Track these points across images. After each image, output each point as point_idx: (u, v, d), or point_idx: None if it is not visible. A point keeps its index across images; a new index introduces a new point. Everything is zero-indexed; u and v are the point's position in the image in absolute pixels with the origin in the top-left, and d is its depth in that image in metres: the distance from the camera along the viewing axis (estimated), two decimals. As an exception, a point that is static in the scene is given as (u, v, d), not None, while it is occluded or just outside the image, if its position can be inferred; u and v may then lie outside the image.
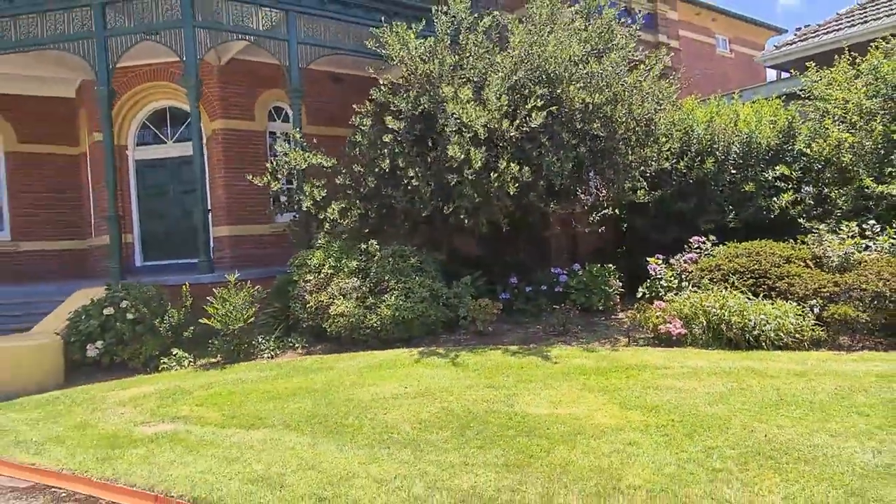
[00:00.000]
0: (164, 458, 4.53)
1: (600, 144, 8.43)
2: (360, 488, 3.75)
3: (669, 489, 3.46)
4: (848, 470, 3.52)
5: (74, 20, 10.00)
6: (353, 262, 8.65)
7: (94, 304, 8.23)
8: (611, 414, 4.77)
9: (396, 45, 9.29)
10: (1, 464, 4.82)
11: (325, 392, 6.00)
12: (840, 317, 6.48)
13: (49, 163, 14.60)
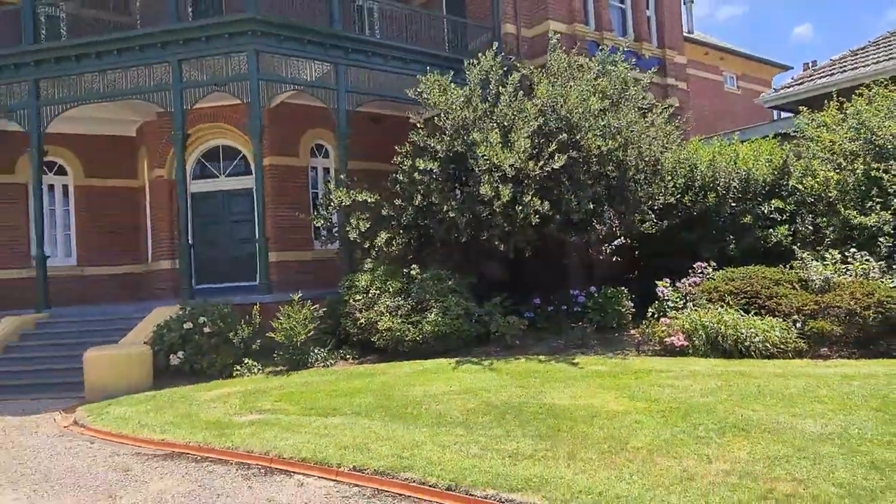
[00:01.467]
0: (268, 435, 5.76)
1: (613, 183, 9.70)
2: (429, 450, 4.95)
3: (664, 448, 4.63)
4: (799, 436, 4.67)
5: (154, 74, 11.54)
6: (397, 283, 9.93)
7: (175, 320, 9.56)
8: (621, 403, 5.94)
9: (436, 93, 10.70)
10: (138, 440, 6.08)
11: (382, 390, 7.22)
12: (818, 330, 7.62)
13: (111, 195, 16.14)
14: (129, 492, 4.69)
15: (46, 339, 10.77)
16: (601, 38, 15.32)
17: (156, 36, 11.23)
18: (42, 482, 5.05)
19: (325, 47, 11.91)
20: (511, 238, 9.57)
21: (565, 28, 14.72)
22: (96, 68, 11.59)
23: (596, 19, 15.50)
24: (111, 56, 11.45)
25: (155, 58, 11.38)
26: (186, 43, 11.21)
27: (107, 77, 11.65)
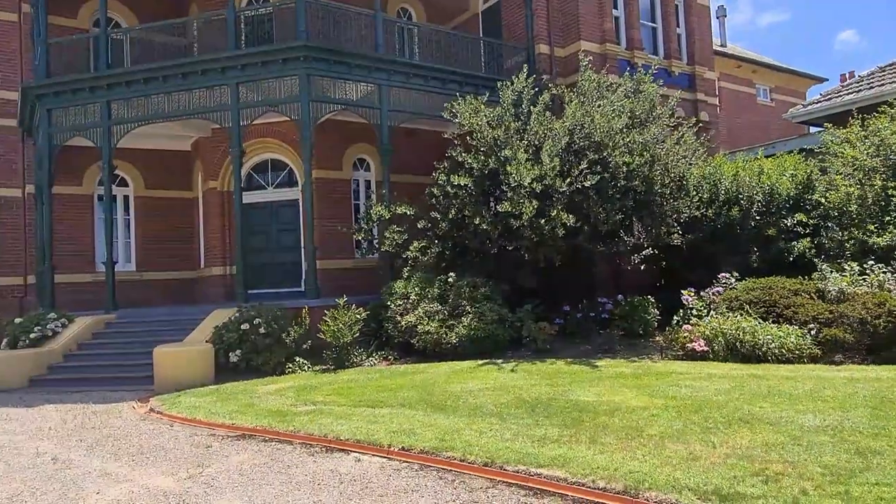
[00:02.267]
0: (324, 421, 6.55)
1: (640, 197, 10.31)
2: (468, 435, 5.66)
3: (675, 436, 5.26)
4: (797, 428, 5.24)
5: (214, 96, 12.57)
6: (435, 290, 10.69)
7: (233, 321, 10.48)
8: (640, 400, 6.56)
9: (468, 113, 11.49)
10: (211, 424, 6.93)
11: (423, 386, 7.95)
12: (832, 338, 8.11)
13: (168, 206, 17.33)
14: (214, 462, 5.52)
15: (115, 337, 11.82)
16: (632, 56, 15.94)
17: (217, 62, 12.26)
18: (137, 454, 5.91)
19: (369, 70, 12.80)
20: (539, 249, 10.25)
21: (597, 48, 15.40)
22: (162, 90, 12.68)
23: (627, 39, 16.13)
24: (176, 79, 12.53)
25: (215, 81, 12.42)
26: (244, 68, 12.23)
27: (171, 98, 12.74)
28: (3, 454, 6.13)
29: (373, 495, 4.55)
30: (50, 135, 13.05)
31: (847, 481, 4.11)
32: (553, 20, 15.46)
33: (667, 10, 17.04)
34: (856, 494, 3.90)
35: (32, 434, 6.94)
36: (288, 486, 4.81)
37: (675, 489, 4.15)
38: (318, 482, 4.88)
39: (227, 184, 16.00)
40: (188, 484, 4.96)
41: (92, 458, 5.83)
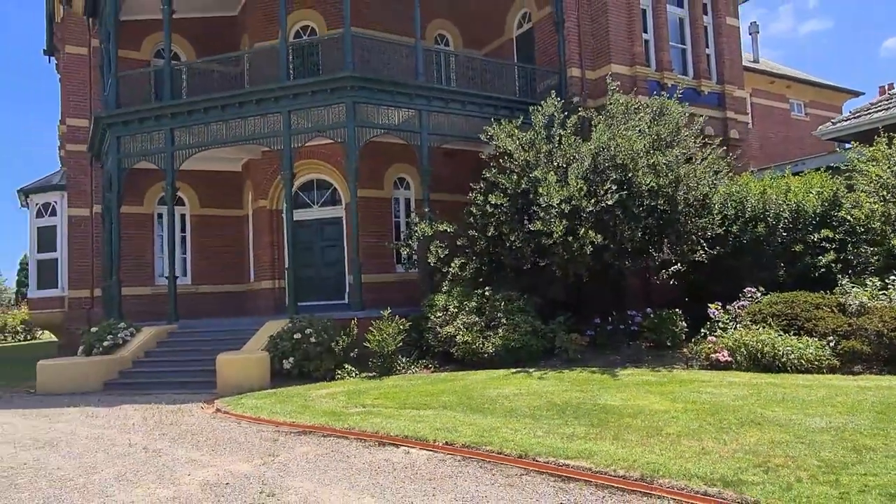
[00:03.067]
0: (375, 421, 7.31)
1: (665, 216, 10.89)
2: (504, 432, 6.35)
3: (690, 434, 5.86)
4: (803, 429, 5.79)
5: (267, 122, 13.61)
6: (473, 303, 11.42)
7: (286, 331, 11.37)
8: (662, 404, 7.15)
9: (503, 136, 12.25)
10: (274, 422, 7.76)
11: (463, 392, 8.67)
12: (850, 349, 8.56)
13: (220, 223, 18.49)
14: (282, 452, 6.32)
15: (178, 346, 12.85)
16: (662, 77, 16.49)
17: (270, 91, 13.30)
18: (215, 445, 6.77)
19: (410, 97, 13.69)
20: (569, 265, 10.91)
21: (627, 70, 16.01)
22: (220, 118, 13.77)
23: (657, 61, 16.69)
24: (233, 108, 13.62)
25: (269, 109, 13.45)
26: (295, 97, 13.24)
27: (228, 125, 13.83)
28: (102, 445, 7.06)
29: (422, 479, 5.28)
30: (119, 160, 14.26)
31: (839, 472, 4.67)
32: (584, 45, 16.14)
33: (696, 31, 17.55)
34: (844, 482, 4.47)
35: (120, 429, 7.88)
36: (349, 472, 5.58)
37: (685, 477, 4.77)
38: (374, 469, 5.64)
39: (275, 202, 17.07)
40: (263, 469, 5.77)
41: (176, 448, 6.71)
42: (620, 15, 16.02)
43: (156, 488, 5.35)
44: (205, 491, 5.21)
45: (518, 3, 17.86)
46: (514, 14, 18.13)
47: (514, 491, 4.90)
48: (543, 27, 16.93)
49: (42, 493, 5.40)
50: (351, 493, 4.99)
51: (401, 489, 5.05)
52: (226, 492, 5.17)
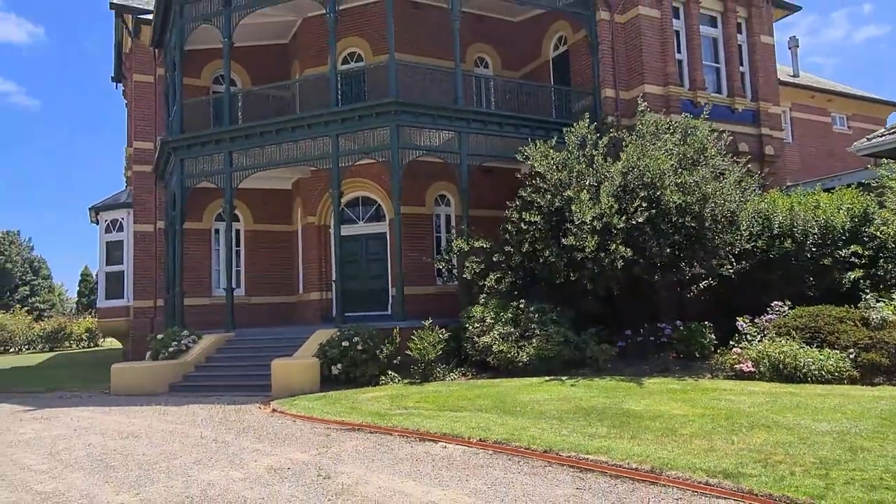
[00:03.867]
0: (416, 420, 8.06)
1: (692, 232, 11.39)
2: (532, 431, 7.01)
3: (702, 435, 6.42)
4: (807, 432, 6.29)
5: (317, 145, 14.63)
6: (508, 315, 12.09)
7: (335, 339, 12.25)
8: (682, 410, 7.70)
9: (538, 157, 12.95)
10: (325, 420, 8.60)
11: (497, 396, 9.35)
12: (869, 361, 8.93)
13: (271, 238, 19.63)
14: (334, 445, 7.14)
15: (235, 352, 13.89)
16: (695, 96, 16.96)
17: (321, 117, 14.33)
18: (274, 438, 7.63)
19: (450, 119, 14.54)
20: (600, 279, 11.50)
21: (660, 90, 16.54)
22: (274, 142, 14.88)
23: (690, 80, 17.16)
24: (286, 132, 14.70)
25: (319, 133, 14.48)
26: (343, 122, 14.23)
27: (281, 148, 14.92)
28: (177, 437, 8.01)
29: (457, 468, 6.00)
30: (183, 180, 15.49)
31: (831, 468, 5.21)
32: (618, 66, 16.74)
33: (730, 50, 17.94)
34: (833, 476, 5.01)
35: (190, 424, 8.84)
36: (393, 461, 6.34)
37: (690, 470, 5.37)
38: (415, 459, 6.39)
39: (323, 218, 18.09)
40: (318, 457, 6.59)
41: (242, 440, 7.60)
42: (653, 37, 16.58)
43: (228, 470, 6.22)
44: (270, 473, 6.05)
45: (554, 27, 18.57)
46: (550, 37, 18.85)
47: (536, 478, 5.58)
48: (578, 50, 17.59)
49: (133, 473, 6.32)
50: (395, 477, 5.75)
51: (438, 475, 5.78)
52: (287, 474, 5.99)
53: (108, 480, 6.10)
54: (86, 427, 9.00)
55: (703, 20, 17.82)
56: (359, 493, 5.31)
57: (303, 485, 5.63)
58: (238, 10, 15.58)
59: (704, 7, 17.71)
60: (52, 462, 6.95)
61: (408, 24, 17.05)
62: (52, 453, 7.37)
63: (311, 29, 18.50)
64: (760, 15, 18.51)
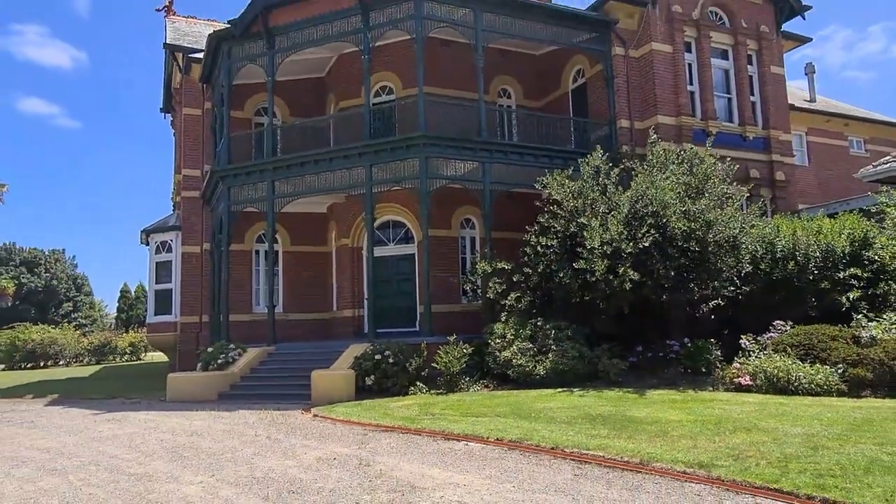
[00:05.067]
0: (442, 424, 9.14)
1: (696, 256, 12.34)
2: (543, 433, 8.05)
3: (689, 436, 7.40)
4: (782, 434, 7.22)
5: (352, 175, 15.95)
6: (527, 331, 13.15)
7: (368, 353, 13.43)
8: (678, 416, 8.66)
9: (555, 185, 14.04)
10: (362, 424, 9.74)
11: (515, 405, 10.40)
12: (855, 376, 9.77)
13: (307, 258, 20.96)
14: (371, 442, 8.28)
15: (276, 364, 15.16)
16: (706, 125, 17.93)
17: (355, 149, 15.66)
18: (318, 437, 8.80)
19: (474, 151, 15.75)
20: (611, 299, 12.51)
21: (673, 121, 17.55)
22: (313, 171, 16.25)
23: (702, 110, 18.15)
24: (324, 163, 16.06)
25: (354, 164, 15.81)
26: (376, 153, 15.54)
27: (319, 177, 16.28)
28: (234, 435, 9.23)
29: (476, 459, 7.08)
30: (230, 206, 16.94)
31: (791, 461, 6.16)
32: (632, 98, 17.81)
33: (741, 81, 18.89)
34: (790, 467, 5.96)
35: (244, 425, 10.06)
36: (422, 454, 7.45)
37: (672, 462, 6.37)
38: (441, 452, 7.49)
39: (356, 240, 19.36)
40: (358, 451, 7.73)
41: (291, 438, 8.78)
42: (666, 71, 17.63)
43: (283, 460, 7.39)
44: (318, 462, 7.21)
45: (573, 61, 19.74)
46: (569, 70, 20.01)
47: (542, 467, 6.63)
48: (596, 82, 18.71)
49: (204, 461, 7.54)
50: (423, 466, 6.86)
51: (459, 464, 6.88)
52: (333, 463, 7.14)
53: (185, 466, 7.32)
54: (153, 427, 10.29)
55: (715, 53, 18.82)
56: (393, 476, 6.43)
57: (347, 470, 6.77)
58: (281, 51, 17.08)
59: (715, 41, 18.73)
60: (134, 453, 8.21)
61: (436, 58, 18.33)
62: (132, 446, 8.65)
63: (346, 64, 19.93)
64: (770, 47, 19.44)
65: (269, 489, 6.14)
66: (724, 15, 19.13)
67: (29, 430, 10.61)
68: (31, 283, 58.24)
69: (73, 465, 7.63)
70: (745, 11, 19.19)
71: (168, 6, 23.66)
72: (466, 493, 5.76)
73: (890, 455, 6.13)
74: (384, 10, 16.10)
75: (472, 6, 16.29)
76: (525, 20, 17.05)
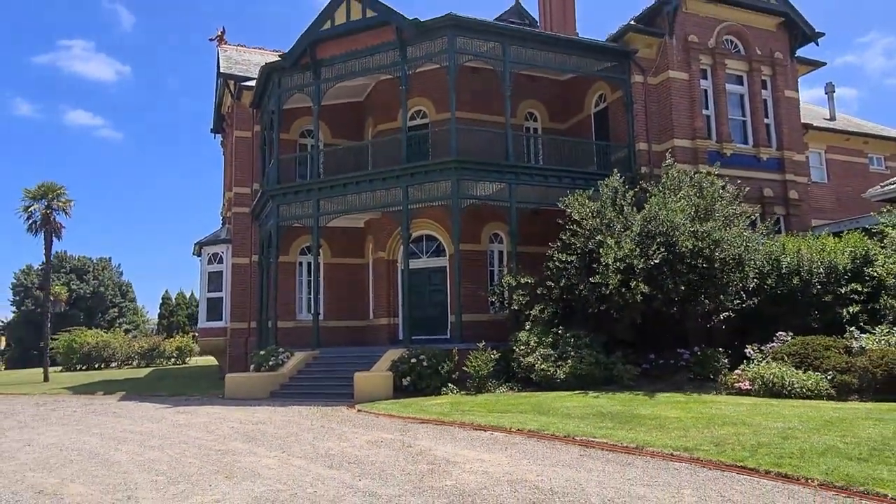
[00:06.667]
0: (471, 418, 10.52)
1: (704, 272, 13.54)
2: (558, 425, 9.38)
3: (681, 428, 8.65)
4: (762, 428, 8.43)
5: (389, 195, 17.50)
6: (549, 339, 14.47)
7: (404, 357, 14.89)
8: (678, 414, 9.90)
9: (576, 205, 15.37)
10: (402, 417, 11.17)
11: (535, 404, 11.73)
12: (842, 382, 10.88)
13: (346, 270, 22.58)
14: (410, 430, 9.71)
15: (321, 366, 16.72)
16: (721, 147, 19.06)
17: (393, 171, 17.22)
18: (364, 427, 10.27)
19: (502, 173, 17.17)
20: (625, 310, 13.78)
21: (689, 143, 18.73)
22: (354, 192, 17.86)
23: (717, 133, 19.28)
24: (364, 184, 17.66)
25: (391, 185, 17.37)
26: (412, 175, 17.07)
27: (360, 196, 17.88)
28: (292, 424, 10.76)
29: (499, 444, 8.47)
30: (278, 222, 18.64)
31: (761, 447, 7.40)
32: (650, 122, 19.05)
33: (755, 105, 19.98)
34: (759, 451, 7.21)
35: (298, 417, 11.60)
36: (454, 439, 8.86)
37: (662, 447, 7.67)
38: (470, 439, 8.89)
39: (391, 254, 20.89)
40: (401, 436, 9.17)
41: (342, 427, 10.27)
42: (682, 97, 18.83)
43: (339, 443, 8.87)
44: (368, 444, 8.67)
45: (595, 87, 21.06)
46: (591, 95, 21.34)
47: (554, 450, 7.99)
48: (616, 107, 19.99)
49: (273, 442, 9.06)
50: (456, 447, 8.27)
51: (486, 447, 8.27)
52: (381, 444, 8.59)
53: (258, 445, 8.85)
54: (221, 417, 11.89)
55: (730, 79, 19.95)
56: (431, 454, 7.85)
57: (392, 449, 8.22)
58: (326, 81, 18.78)
59: (731, 68, 19.86)
60: (212, 436, 9.79)
61: (467, 85, 19.80)
62: (209, 431, 10.24)
63: (384, 89, 21.55)
64: (784, 72, 20.49)
65: (332, 460, 7.62)
66: (739, 43, 20.26)
67: (116, 419, 12.32)
68: (81, 289, 61.22)
69: (166, 443, 9.23)
70: (759, 39, 20.29)
71: (220, 36, 25.66)
72: (491, 466, 7.15)
73: (846, 444, 7.33)
74: (420, 45, 17.67)
75: (500, 40, 17.78)
76: (549, 52, 18.46)
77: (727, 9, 19.92)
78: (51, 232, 26.60)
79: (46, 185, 26.95)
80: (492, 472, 6.90)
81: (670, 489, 6.05)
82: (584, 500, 5.77)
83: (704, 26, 19.54)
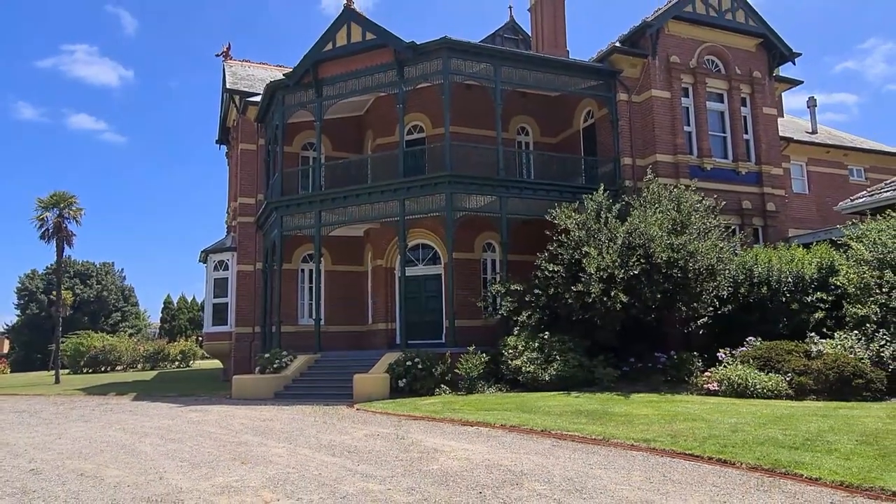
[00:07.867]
0: (460, 415, 11.54)
1: (679, 281, 14.58)
2: (537, 421, 10.39)
3: (646, 424, 9.67)
4: (716, 424, 9.45)
5: (387, 206, 18.56)
6: (535, 343, 15.50)
7: (400, 360, 15.91)
8: (647, 412, 10.92)
9: (563, 218, 16.43)
10: (397, 414, 12.20)
11: (520, 403, 12.75)
12: (799, 383, 11.91)
13: (345, 277, 23.59)
14: (404, 425, 10.74)
15: (322, 369, 17.74)
16: (701, 162, 20.14)
17: (390, 185, 18.29)
18: (364, 423, 11.29)
19: (493, 187, 18.23)
20: (606, 317, 14.82)
21: (670, 159, 19.80)
22: (354, 203, 18.91)
23: (698, 149, 20.35)
24: (364, 196, 18.72)
25: (389, 198, 18.42)
26: (408, 189, 18.13)
27: (359, 208, 18.93)
28: (297, 421, 11.78)
29: (483, 436, 9.49)
30: (282, 232, 19.69)
31: (710, 438, 8.42)
32: (634, 138, 20.12)
33: (735, 122, 21.07)
34: (708, 442, 8.23)
35: (302, 414, 12.61)
36: (443, 432, 9.88)
37: (626, 439, 8.69)
38: (457, 432, 9.92)
39: (389, 262, 21.92)
40: (395, 430, 10.19)
41: (342, 423, 11.29)
42: (664, 115, 19.92)
43: (340, 436, 9.90)
44: (366, 437, 9.69)
45: (583, 104, 22.14)
46: (580, 111, 22.43)
47: (531, 441, 9.02)
48: (603, 123, 21.07)
49: (281, 436, 10.08)
50: (444, 440, 9.29)
51: (470, 439, 9.30)
52: (377, 437, 9.62)
53: (268, 438, 9.87)
54: (230, 415, 12.91)
55: (711, 97, 21.04)
56: (422, 444, 8.88)
57: (387, 441, 9.25)
58: (328, 99, 19.86)
59: (711, 87, 20.96)
60: (225, 430, 10.81)
61: (461, 100, 20.84)
62: (222, 426, 11.26)
63: (383, 104, 22.59)
64: (763, 90, 21.59)
65: (333, 450, 8.65)
66: (719, 63, 21.37)
67: (132, 416, 13.34)
68: (84, 293, 62.20)
69: (184, 436, 10.26)
70: (739, 59, 21.39)
71: (226, 52, 26.77)
72: (472, 454, 8.18)
73: (784, 436, 8.36)
74: (416, 65, 18.76)
75: (491, 61, 18.88)
76: (539, 71, 19.55)
77: (708, 31, 21.03)
78: (62, 240, 27.62)
79: (58, 195, 27.98)
80: (473, 458, 7.93)
81: (622, 471, 7.08)
82: (548, 479, 6.80)
83: (686, 47, 20.64)
